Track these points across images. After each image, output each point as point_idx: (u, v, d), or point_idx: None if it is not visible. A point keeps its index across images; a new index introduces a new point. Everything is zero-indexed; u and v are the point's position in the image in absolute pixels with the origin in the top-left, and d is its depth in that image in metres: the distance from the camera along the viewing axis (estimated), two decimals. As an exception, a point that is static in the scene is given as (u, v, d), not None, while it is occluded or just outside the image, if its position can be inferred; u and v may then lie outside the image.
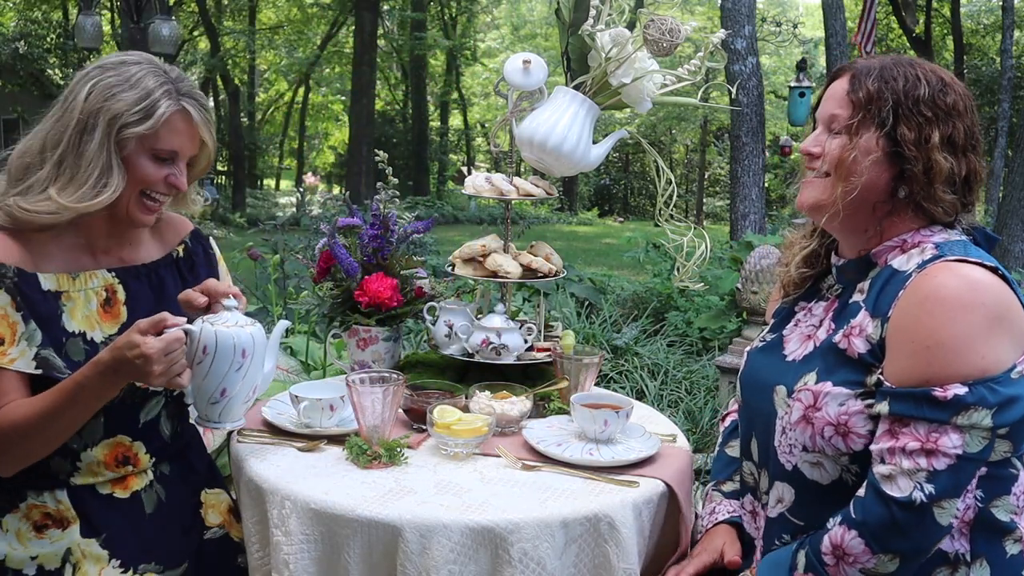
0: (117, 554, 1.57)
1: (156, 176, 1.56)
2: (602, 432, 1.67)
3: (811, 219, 1.51)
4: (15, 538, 1.53)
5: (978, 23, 20.62)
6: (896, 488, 1.25)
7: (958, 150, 1.37)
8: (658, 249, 7.22)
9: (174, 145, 1.56)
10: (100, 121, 1.50)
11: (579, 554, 1.42)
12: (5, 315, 1.46)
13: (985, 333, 1.25)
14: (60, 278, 1.55)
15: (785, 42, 25.30)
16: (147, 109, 1.52)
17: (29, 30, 21.68)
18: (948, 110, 1.36)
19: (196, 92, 1.60)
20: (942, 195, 1.36)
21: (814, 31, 23.14)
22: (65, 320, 1.54)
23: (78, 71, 1.59)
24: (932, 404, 1.24)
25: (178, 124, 1.56)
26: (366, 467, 1.55)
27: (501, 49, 26.69)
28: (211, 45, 22.17)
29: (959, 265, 1.29)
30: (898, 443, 1.26)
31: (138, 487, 1.63)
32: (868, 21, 8.30)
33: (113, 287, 1.62)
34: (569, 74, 1.94)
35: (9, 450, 1.46)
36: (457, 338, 1.99)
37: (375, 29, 20.81)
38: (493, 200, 2.09)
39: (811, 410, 1.37)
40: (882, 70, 1.39)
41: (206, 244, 1.81)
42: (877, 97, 1.37)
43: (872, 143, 1.37)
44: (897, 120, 1.36)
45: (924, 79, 1.37)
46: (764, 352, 1.58)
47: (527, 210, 16.48)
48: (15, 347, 1.46)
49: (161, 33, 7.95)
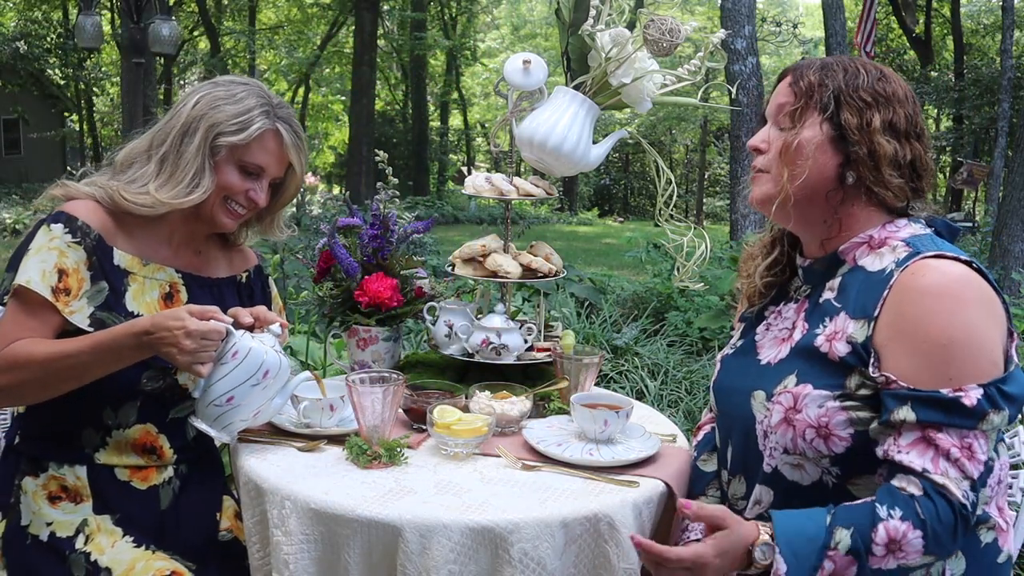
0: (130, 532, 1.63)
1: (239, 186, 1.70)
2: (602, 432, 1.67)
3: (764, 214, 1.52)
4: (32, 501, 1.61)
5: (978, 23, 20.62)
6: (956, 495, 1.25)
7: (900, 135, 1.41)
8: (658, 249, 7.21)
9: (261, 161, 1.70)
10: (201, 127, 1.66)
11: (579, 554, 1.42)
12: (77, 269, 1.59)
13: (985, 324, 1.28)
14: (132, 259, 1.67)
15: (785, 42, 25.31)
16: (244, 123, 1.67)
17: (29, 30, 21.68)
18: (888, 97, 1.41)
19: (293, 119, 1.75)
20: (890, 178, 1.39)
21: (814, 31, 23.16)
22: (127, 298, 1.65)
23: (191, 86, 1.69)
24: (961, 411, 1.25)
25: (269, 143, 1.70)
26: (366, 467, 1.55)
27: (501, 49, 26.70)
28: (211, 45, 22.19)
29: (940, 261, 1.32)
30: (939, 451, 1.26)
31: (156, 481, 1.70)
32: (868, 21, 8.30)
33: (177, 286, 1.73)
34: (569, 74, 1.94)
35: (10, 376, 1.52)
36: (457, 338, 1.99)
37: (375, 29, 20.81)
38: (493, 200, 2.09)
39: (792, 412, 1.38)
40: (823, 64, 1.45)
41: (265, 280, 1.96)
42: (819, 85, 1.42)
43: (816, 129, 1.41)
44: (839, 106, 1.40)
45: (863, 69, 1.43)
46: (737, 357, 1.59)
47: (527, 210, 16.51)
48: (77, 301, 1.58)
49: (161, 33, 7.95)
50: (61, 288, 1.56)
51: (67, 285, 1.56)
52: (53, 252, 1.56)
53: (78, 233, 1.59)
